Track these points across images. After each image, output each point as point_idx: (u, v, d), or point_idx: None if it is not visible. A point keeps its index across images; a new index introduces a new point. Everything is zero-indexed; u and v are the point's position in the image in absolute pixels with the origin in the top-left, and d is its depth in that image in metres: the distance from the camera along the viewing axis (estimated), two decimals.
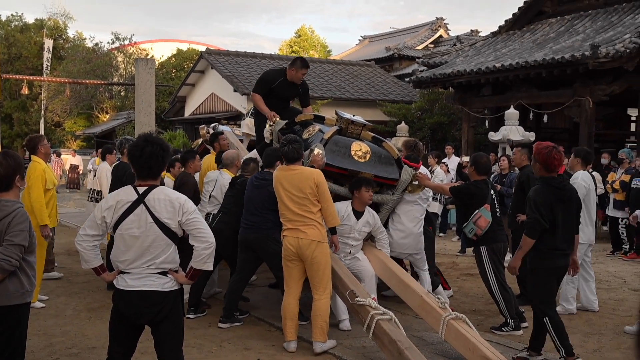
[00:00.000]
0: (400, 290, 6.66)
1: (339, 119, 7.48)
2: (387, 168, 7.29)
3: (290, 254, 6.06)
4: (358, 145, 7.19)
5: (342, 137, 7.25)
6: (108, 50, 37.96)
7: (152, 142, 4.08)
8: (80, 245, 4.13)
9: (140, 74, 17.63)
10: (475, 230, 6.73)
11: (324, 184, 6.05)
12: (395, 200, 7.31)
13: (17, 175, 4.26)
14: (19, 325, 4.16)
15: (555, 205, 5.66)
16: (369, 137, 7.59)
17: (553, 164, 5.72)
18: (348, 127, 7.33)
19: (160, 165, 4.12)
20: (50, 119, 37.20)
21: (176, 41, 47.90)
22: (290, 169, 6.12)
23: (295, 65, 8.10)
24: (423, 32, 35.58)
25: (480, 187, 6.87)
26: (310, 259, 5.98)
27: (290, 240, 6.03)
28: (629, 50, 14.10)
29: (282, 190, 6.08)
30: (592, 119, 15.95)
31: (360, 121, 7.43)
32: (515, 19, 19.84)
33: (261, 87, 8.20)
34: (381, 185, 7.31)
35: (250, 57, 26.35)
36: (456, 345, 5.74)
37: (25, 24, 42.95)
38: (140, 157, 4.06)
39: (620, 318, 7.45)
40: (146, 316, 4.07)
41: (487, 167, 7.15)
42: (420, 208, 7.51)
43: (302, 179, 6.00)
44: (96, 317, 7.12)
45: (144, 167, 4.08)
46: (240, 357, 5.89)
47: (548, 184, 5.73)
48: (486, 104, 19.16)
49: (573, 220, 5.88)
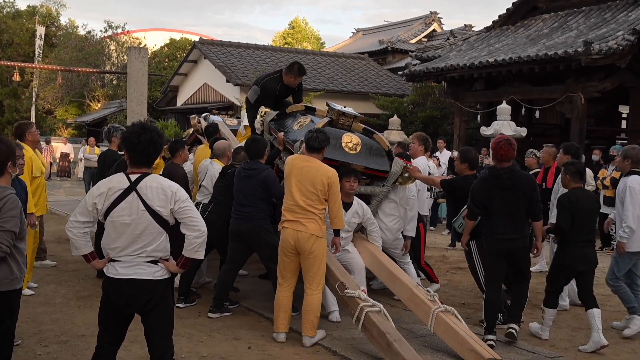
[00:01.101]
0: (389, 282, 6.68)
1: (330, 110, 7.45)
2: (377, 160, 7.28)
3: (288, 247, 6.01)
4: (349, 137, 7.18)
5: (333, 128, 7.22)
6: (100, 39, 37.82)
7: (149, 129, 4.07)
8: (70, 231, 4.10)
9: (133, 62, 17.57)
10: (465, 224, 6.76)
11: (336, 185, 6.01)
12: (386, 192, 7.31)
13: (9, 162, 4.22)
14: (8, 311, 4.13)
15: (493, 193, 6.12)
16: (360, 128, 7.57)
17: (499, 153, 6.13)
18: (339, 118, 7.31)
19: (157, 153, 4.11)
20: (42, 106, 37.07)
21: (169, 30, 47.77)
22: (308, 161, 6.04)
23: (292, 73, 8.10)
24: (417, 25, 35.56)
25: (470, 182, 6.84)
26: (308, 253, 5.95)
27: (289, 232, 5.97)
28: (621, 48, 14.13)
29: (294, 180, 6.00)
30: (584, 115, 16.00)
31: (352, 113, 7.41)
32: (509, 14, 19.85)
33: (269, 101, 8.14)
34: (372, 177, 7.31)
35: (244, 47, 26.28)
36: (445, 338, 5.77)
37: (17, 11, 42.76)
38: (137, 144, 4.03)
39: (608, 313, 7.48)
40: (136, 305, 4.05)
41: (475, 162, 7.26)
42: (395, 205, 7.49)
43: (316, 175, 5.94)
44: (85, 305, 7.10)
45: (142, 154, 4.06)
46: (229, 347, 5.89)
47: (489, 174, 6.29)
48: (478, 98, 19.18)
49: (518, 207, 6.14)
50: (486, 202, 6.14)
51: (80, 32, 40.71)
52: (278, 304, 6.14)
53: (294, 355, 5.72)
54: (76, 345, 5.76)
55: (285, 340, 6.05)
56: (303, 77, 8.28)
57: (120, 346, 4.30)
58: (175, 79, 28.18)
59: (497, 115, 15.42)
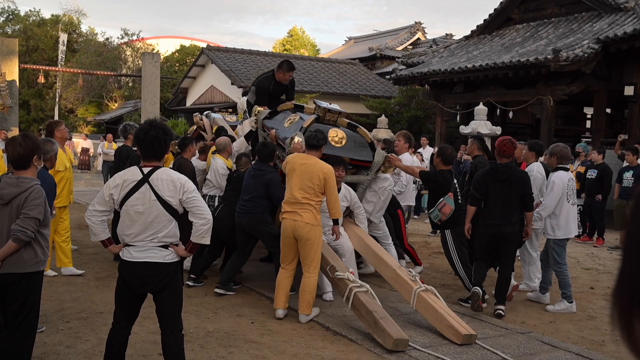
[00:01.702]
0: (375, 263, 6.68)
1: (316, 107, 7.42)
2: (361, 151, 7.27)
3: (289, 236, 6.00)
4: (335, 132, 7.15)
5: (320, 124, 7.20)
6: (117, 45, 37.62)
7: (155, 126, 4.05)
8: (89, 219, 4.10)
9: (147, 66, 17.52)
10: (440, 216, 6.79)
11: (332, 180, 5.98)
12: (370, 180, 7.31)
13: (34, 155, 4.21)
14: (32, 291, 4.12)
15: (490, 184, 6.45)
16: (344, 123, 7.53)
17: (502, 149, 6.48)
18: (325, 115, 7.29)
19: (162, 148, 4.08)
20: (64, 106, 36.90)
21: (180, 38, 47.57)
22: (308, 159, 6.03)
23: (282, 69, 8.10)
24: (403, 34, 35.46)
25: (445, 176, 6.90)
26: (305, 240, 5.93)
27: (288, 222, 5.97)
28: (586, 55, 14.13)
29: (296, 177, 5.97)
30: (552, 116, 16.02)
31: (336, 109, 7.39)
32: (486, 24, 19.81)
33: (264, 98, 8.12)
34: (357, 167, 7.32)
35: (247, 53, 26.17)
36: (426, 316, 5.79)
37: (42, 19, 42.49)
38: (144, 139, 4.03)
39: (573, 294, 7.50)
40: (149, 285, 4.05)
41: (451, 158, 7.26)
42: (375, 193, 7.46)
43: (314, 171, 5.93)
44: (103, 285, 7.09)
45: (148, 149, 4.05)
46: (233, 323, 5.89)
47: (490, 167, 6.63)
48: (458, 100, 19.16)
49: (509, 198, 6.42)
50: (484, 191, 6.46)
51: (99, 39, 40.53)
52: (279, 285, 6.15)
53: (291, 331, 5.72)
54: (95, 321, 5.75)
55: (284, 316, 6.06)
56: (293, 72, 8.24)
57: (135, 322, 4.30)
58: (185, 81, 28.06)
59: (475, 115, 15.42)
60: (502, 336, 5.77)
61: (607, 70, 15.34)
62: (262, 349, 5.20)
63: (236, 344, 5.31)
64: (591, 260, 9.92)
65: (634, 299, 0.72)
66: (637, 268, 0.72)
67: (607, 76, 15.48)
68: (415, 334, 5.68)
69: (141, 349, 5.02)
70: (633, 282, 0.72)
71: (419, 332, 5.76)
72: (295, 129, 7.13)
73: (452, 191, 6.89)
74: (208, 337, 5.44)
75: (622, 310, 0.73)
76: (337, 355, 5.15)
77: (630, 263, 0.73)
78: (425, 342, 5.49)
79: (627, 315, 0.73)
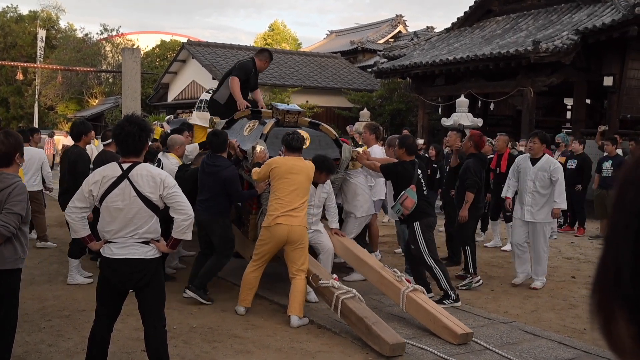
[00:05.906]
0: (358, 266, 6.52)
1: (275, 111, 7.16)
2: (327, 150, 6.96)
3: (280, 241, 5.84)
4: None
5: (281, 127, 6.87)
6: (97, 41, 37.32)
7: (132, 122, 4.03)
8: (69, 216, 4.07)
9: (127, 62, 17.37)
10: (402, 210, 6.45)
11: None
12: (341, 177, 7.14)
13: (17, 153, 4.19)
14: (11, 288, 4.08)
15: (481, 172, 7.54)
16: (305, 123, 7.25)
17: (481, 144, 7.74)
18: (285, 117, 7.00)
19: (137, 144, 4.02)
20: (44, 102, 36.53)
21: (160, 33, 47.05)
22: (299, 161, 5.93)
23: (264, 58, 8.04)
24: (384, 27, 35.47)
25: (406, 167, 6.52)
26: (298, 243, 5.84)
27: (284, 228, 5.78)
28: (566, 46, 14.23)
29: (288, 181, 5.83)
30: (533, 107, 16.12)
31: (295, 109, 7.16)
32: (466, 16, 19.88)
33: (243, 73, 7.85)
34: None
35: (228, 48, 26.06)
36: (418, 317, 5.64)
37: (20, 15, 41.94)
38: (120, 135, 4.02)
39: (555, 283, 7.58)
40: (131, 281, 4.02)
41: (414, 148, 6.86)
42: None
43: (304, 172, 5.90)
44: (85, 283, 7.03)
45: (123, 145, 4.04)
46: (217, 318, 5.87)
47: (478, 158, 7.61)
48: (440, 92, 19.22)
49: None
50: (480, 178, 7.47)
51: (78, 35, 40.06)
52: (246, 282, 6.02)
53: (276, 325, 5.71)
54: (77, 318, 5.71)
55: (270, 313, 6.04)
56: (269, 63, 8.21)
57: (117, 319, 4.27)
58: (166, 77, 27.87)
59: (457, 107, 15.48)
60: (485, 326, 5.81)
61: (587, 61, 15.46)
62: (246, 344, 5.20)
63: (220, 339, 5.30)
64: (572, 249, 10.01)
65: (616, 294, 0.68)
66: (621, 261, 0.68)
67: (586, 67, 15.61)
68: (399, 325, 5.68)
69: (124, 346, 5.00)
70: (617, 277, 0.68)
71: (402, 323, 5.77)
72: (256, 136, 6.85)
73: (415, 183, 6.48)
74: (192, 333, 5.43)
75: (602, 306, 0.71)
76: (321, 348, 5.16)
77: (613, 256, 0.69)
78: (409, 333, 5.51)
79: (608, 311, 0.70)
